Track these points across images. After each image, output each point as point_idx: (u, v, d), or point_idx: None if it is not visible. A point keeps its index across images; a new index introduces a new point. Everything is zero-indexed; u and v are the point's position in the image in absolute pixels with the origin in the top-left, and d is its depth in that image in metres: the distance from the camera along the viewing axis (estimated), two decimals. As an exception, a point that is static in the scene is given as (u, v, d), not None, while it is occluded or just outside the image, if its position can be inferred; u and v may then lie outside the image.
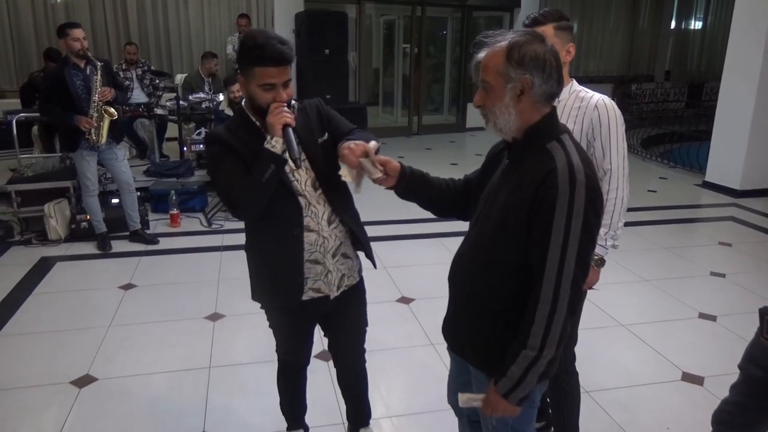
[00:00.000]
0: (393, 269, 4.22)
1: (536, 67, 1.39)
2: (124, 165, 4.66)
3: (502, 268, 1.49)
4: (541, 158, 1.42)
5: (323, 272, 2.01)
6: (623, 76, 12.15)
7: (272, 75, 1.77)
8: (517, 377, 1.44)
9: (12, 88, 7.79)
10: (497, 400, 1.50)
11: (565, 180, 1.36)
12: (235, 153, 1.85)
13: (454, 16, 10.78)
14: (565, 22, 2.03)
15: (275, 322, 2.16)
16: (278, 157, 1.81)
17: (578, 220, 1.36)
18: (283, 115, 1.78)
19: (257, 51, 1.74)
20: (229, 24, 8.79)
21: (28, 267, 4.35)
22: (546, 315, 1.39)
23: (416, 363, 3.16)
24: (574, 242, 1.36)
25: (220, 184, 1.88)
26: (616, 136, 2.00)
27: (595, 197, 1.39)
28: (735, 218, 5.87)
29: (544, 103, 1.44)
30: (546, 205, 1.36)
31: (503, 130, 1.47)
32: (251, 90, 1.82)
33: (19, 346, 3.24)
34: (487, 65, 1.43)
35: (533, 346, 1.41)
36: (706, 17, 13.11)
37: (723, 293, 4.11)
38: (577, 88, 2.08)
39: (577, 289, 1.40)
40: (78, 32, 4.23)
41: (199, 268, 4.39)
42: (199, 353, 3.21)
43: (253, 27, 8.52)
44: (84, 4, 8.13)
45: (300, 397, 2.40)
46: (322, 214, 1.96)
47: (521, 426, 1.63)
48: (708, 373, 3.06)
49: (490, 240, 1.51)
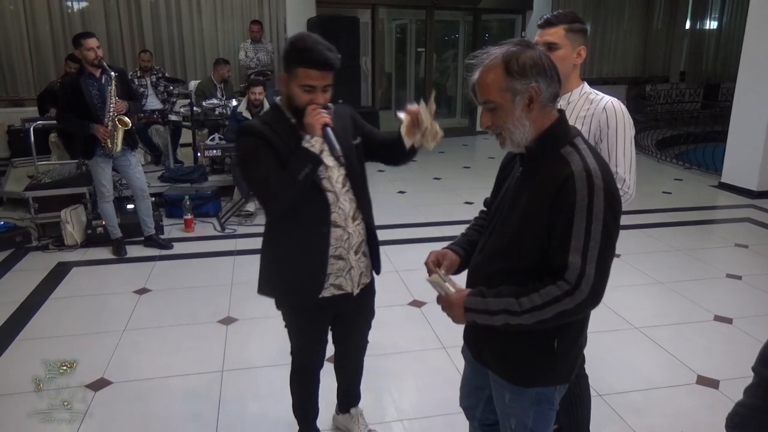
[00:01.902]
0: (405, 272, 4.22)
1: (539, 73, 1.39)
2: (138, 171, 4.71)
3: (522, 276, 1.47)
4: (557, 164, 1.41)
5: (346, 268, 2.07)
6: (638, 77, 12.05)
7: (314, 78, 1.83)
8: (485, 307, 1.46)
9: (30, 96, 7.89)
10: (457, 304, 1.52)
11: (583, 185, 1.35)
12: (272, 146, 1.89)
13: (465, 20, 10.78)
14: (578, 24, 2.02)
15: (292, 320, 2.19)
16: (316, 157, 1.88)
17: (598, 225, 1.35)
18: (322, 115, 1.84)
19: (305, 53, 1.81)
20: (242, 30, 8.86)
21: (46, 272, 4.41)
22: (551, 298, 1.39)
23: (428, 366, 3.15)
24: (593, 248, 1.36)
25: (254, 176, 1.90)
26: (623, 140, 1.98)
27: (612, 201, 1.39)
28: (752, 219, 5.80)
29: (551, 105, 1.45)
30: (565, 211, 1.36)
31: (521, 143, 1.46)
32: (291, 89, 1.88)
33: (37, 350, 3.29)
34: (486, 84, 1.43)
35: (522, 304, 1.41)
36: (721, 17, 12.96)
37: (739, 295, 4.06)
38: (588, 90, 2.08)
39: (596, 294, 1.39)
40: (91, 42, 4.28)
41: (212, 272, 4.43)
42: (213, 357, 3.24)
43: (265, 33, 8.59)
44: (100, 13, 8.23)
45: (313, 399, 2.41)
46: (348, 211, 2.02)
47: (540, 429, 1.63)
48: (723, 376, 3.03)
49: (509, 248, 1.50)
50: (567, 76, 2.05)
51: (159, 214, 5.29)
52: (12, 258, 4.69)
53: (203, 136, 6.78)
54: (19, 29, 7.89)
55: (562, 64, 2.00)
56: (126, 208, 5.10)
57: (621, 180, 1.98)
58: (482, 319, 1.48)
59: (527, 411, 1.62)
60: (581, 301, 1.38)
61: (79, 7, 8.21)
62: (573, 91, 2.07)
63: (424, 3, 9.76)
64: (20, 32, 7.91)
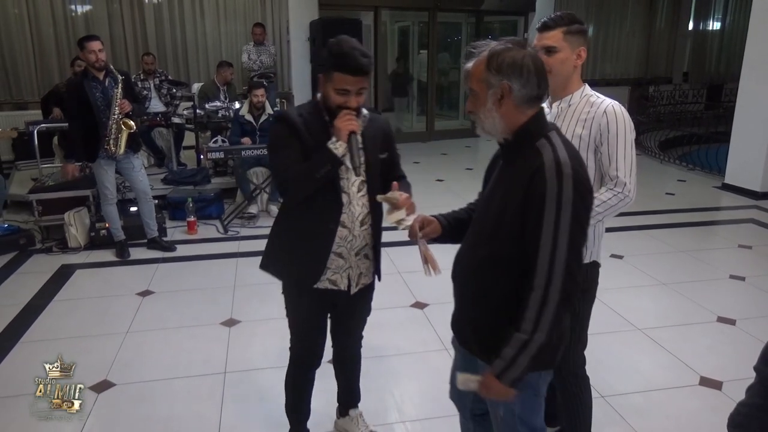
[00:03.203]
0: (407, 274, 4.23)
1: (513, 73, 1.47)
2: (141, 174, 4.73)
3: (502, 264, 1.56)
4: (530, 156, 1.49)
5: (344, 267, 2.13)
6: (640, 78, 12.03)
7: (348, 82, 1.91)
8: (509, 358, 1.50)
9: (34, 99, 7.93)
10: (491, 381, 1.55)
11: (553, 174, 1.44)
12: (300, 138, 1.98)
13: (468, 22, 10.79)
14: (576, 25, 2.01)
15: (293, 306, 2.23)
16: (337, 160, 1.95)
17: (567, 211, 1.43)
18: (351, 122, 1.94)
19: (341, 58, 1.89)
20: (244, 33, 8.88)
21: (49, 274, 4.43)
22: (539, 300, 1.46)
23: (430, 368, 3.15)
24: (564, 232, 1.44)
25: (278, 162, 2.04)
26: (624, 144, 1.97)
27: (582, 189, 1.47)
28: (755, 220, 5.78)
29: (527, 106, 1.51)
30: (536, 199, 1.45)
31: (491, 132, 1.57)
32: (327, 90, 1.96)
33: (41, 352, 3.29)
34: (472, 74, 1.54)
35: (525, 330, 1.48)
36: (724, 18, 12.94)
37: (742, 297, 4.05)
38: (589, 93, 2.07)
39: (571, 277, 1.46)
40: (94, 45, 4.30)
41: (215, 274, 4.44)
42: (216, 359, 3.24)
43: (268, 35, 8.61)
44: (103, 16, 8.27)
45: (306, 400, 2.43)
46: (358, 215, 2.09)
47: (528, 416, 1.69)
48: (726, 377, 3.02)
49: (489, 237, 1.58)
50: (568, 78, 2.05)
51: (162, 216, 5.31)
52: (16, 260, 4.71)
53: (206, 138, 6.80)
54: (23, 33, 7.94)
55: (561, 66, 2.01)
56: (129, 210, 5.12)
57: (621, 184, 1.98)
58: (517, 371, 1.51)
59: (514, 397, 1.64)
60: (562, 286, 1.45)
61: (83, 10, 8.26)
62: (574, 93, 2.07)
63: (426, 5, 9.77)
64: (24, 36, 7.95)
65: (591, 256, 2.11)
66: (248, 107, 5.93)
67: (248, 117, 5.89)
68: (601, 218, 2.02)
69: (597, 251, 2.13)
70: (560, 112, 2.08)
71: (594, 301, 2.17)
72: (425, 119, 10.46)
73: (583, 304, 2.12)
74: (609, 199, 1.98)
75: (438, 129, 10.46)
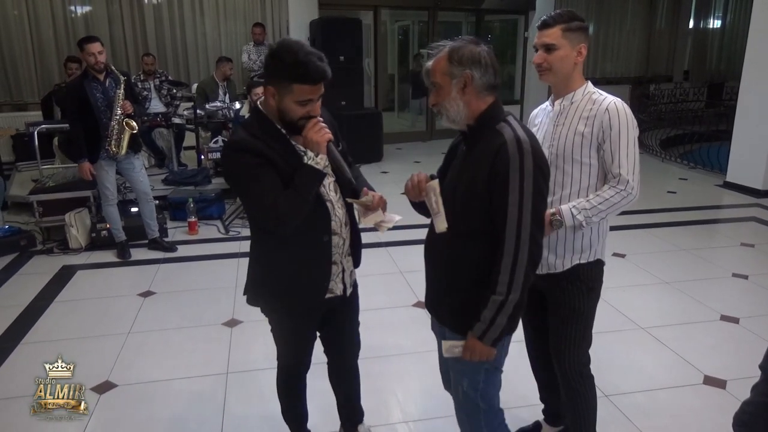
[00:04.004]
0: (409, 274, 4.21)
1: (473, 64, 1.66)
2: (141, 175, 4.72)
3: (473, 237, 1.72)
4: (493, 136, 1.66)
5: (338, 271, 2.05)
6: (641, 76, 12.01)
7: (311, 92, 1.76)
8: (489, 319, 1.68)
9: (34, 100, 7.92)
10: (474, 343, 1.72)
11: (515, 149, 1.61)
12: (273, 164, 1.79)
13: (468, 21, 10.77)
14: (576, 22, 2.00)
15: (282, 325, 2.14)
16: (322, 174, 1.83)
17: (529, 182, 1.60)
18: (324, 131, 1.80)
19: (299, 69, 1.70)
20: (244, 33, 8.87)
21: (50, 275, 4.42)
22: (510, 264, 1.63)
23: (432, 367, 3.11)
24: (527, 201, 1.61)
25: (258, 200, 1.80)
26: (626, 141, 1.96)
27: (541, 163, 1.65)
28: (757, 219, 5.77)
29: (486, 93, 1.69)
30: (501, 172, 1.61)
31: (456, 120, 1.72)
32: (284, 104, 1.77)
33: (42, 353, 3.28)
34: (434, 69, 1.70)
35: (501, 292, 1.65)
36: (725, 16, 12.92)
37: (746, 295, 4.03)
38: (591, 90, 2.06)
39: (534, 241, 1.64)
40: (93, 47, 4.27)
41: (216, 274, 4.43)
42: (217, 359, 3.23)
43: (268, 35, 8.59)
44: (103, 17, 8.26)
45: (302, 403, 2.38)
46: (342, 217, 2.01)
47: (488, 391, 1.87)
48: (730, 376, 3.01)
49: (460, 213, 1.71)
50: (569, 76, 2.04)
51: (163, 216, 5.30)
52: (17, 261, 4.71)
53: (207, 138, 6.79)
54: (23, 34, 7.93)
55: (561, 63, 2.00)
56: (130, 211, 5.11)
57: (624, 181, 1.96)
58: (497, 331, 1.69)
59: (478, 367, 1.80)
60: (528, 249, 1.63)
61: (83, 11, 8.24)
62: (576, 90, 2.06)
63: (426, 4, 9.76)
64: (24, 37, 7.94)
65: (595, 254, 2.10)
66: (249, 107, 5.92)
67: (249, 117, 5.87)
68: (604, 216, 2.00)
69: (601, 249, 2.12)
70: (563, 110, 2.07)
71: (599, 299, 2.16)
72: (425, 119, 10.44)
73: (587, 303, 2.11)
74: (612, 197, 1.97)
75: (438, 128, 10.45)
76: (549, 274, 2.11)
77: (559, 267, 2.09)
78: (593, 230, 2.07)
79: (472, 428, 1.93)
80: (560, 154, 2.04)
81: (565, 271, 2.08)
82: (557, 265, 2.09)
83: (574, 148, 2.01)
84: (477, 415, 1.89)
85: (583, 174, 2.02)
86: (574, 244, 2.07)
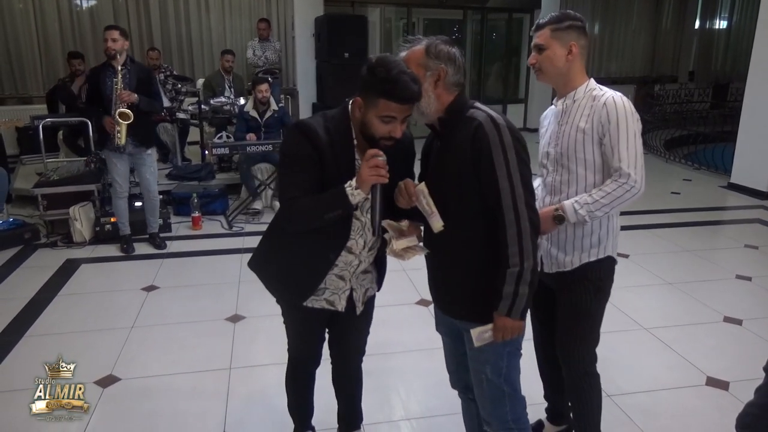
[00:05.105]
0: (412, 271, 4.22)
1: (449, 60, 1.74)
2: (148, 172, 4.71)
3: (469, 222, 1.75)
4: (466, 122, 1.72)
5: (344, 288, 2.02)
6: (646, 76, 11.98)
7: (396, 110, 1.70)
8: (511, 293, 1.70)
9: (39, 93, 7.93)
10: (503, 321, 1.73)
11: (491, 126, 1.67)
12: (322, 159, 1.77)
13: (473, 19, 10.75)
14: (567, 22, 2.01)
15: (289, 317, 2.17)
16: (350, 207, 1.76)
17: (512, 152, 1.67)
18: (379, 173, 1.70)
19: (388, 84, 1.67)
20: (249, 29, 8.87)
21: (54, 269, 4.43)
22: (515, 235, 1.67)
23: (435, 365, 3.13)
24: (515, 171, 1.66)
25: (287, 185, 1.82)
26: (626, 134, 1.94)
27: (517, 135, 1.70)
28: (761, 220, 5.75)
29: (455, 89, 1.77)
30: (483, 150, 1.66)
31: (425, 113, 1.76)
32: (368, 117, 1.74)
33: (46, 347, 3.30)
34: (409, 59, 1.75)
35: (515, 263, 1.68)
36: (731, 16, 12.88)
37: (749, 297, 4.03)
38: (593, 87, 2.06)
39: (530, 206, 1.69)
40: (108, 33, 4.37)
41: (220, 270, 4.44)
42: (220, 354, 3.24)
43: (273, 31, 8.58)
44: (108, 11, 8.27)
45: (308, 398, 2.39)
46: (368, 240, 1.95)
47: (511, 374, 1.87)
48: (733, 377, 3.01)
49: (451, 202, 1.75)
50: (563, 75, 2.04)
51: (167, 211, 5.31)
52: (21, 255, 4.72)
53: (211, 134, 6.79)
54: (28, 27, 7.94)
55: (550, 63, 2.03)
56: (134, 205, 5.11)
57: (626, 175, 1.93)
58: (522, 302, 1.71)
59: (501, 351, 1.81)
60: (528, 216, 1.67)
61: (88, 5, 8.26)
62: (578, 89, 2.05)
63: (431, 2, 9.74)
64: (29, 30, 7.95)
65: (605, 251, 2.09)
66: (253, 103, 5.92)
67: (253, 113, 5.88)
68: (608, 210, 1.98)
69: (612, 246, 2.11)
70: (566, 109, 2.07)
71: (608, 298, 2.16)
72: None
73: (595, 303, 2.11)
74: (614, 190, 1.95)
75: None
76: (558, 272, 2.11)
77: (568, 265, 2.08)
78: (602, 227, 2.06)
79: (499, 415, 1.89)
80: (565, 152, 2.04)
81: (573, 270, 2.08)
82: (566, 263, 2.09)
83: (577, 146, 2.01)
84: (502, 400, 1.88)
85: (588, 171, 2.02)
86: (582, 241, 2.06)
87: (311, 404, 2.42)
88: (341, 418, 2.47)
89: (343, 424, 2.48)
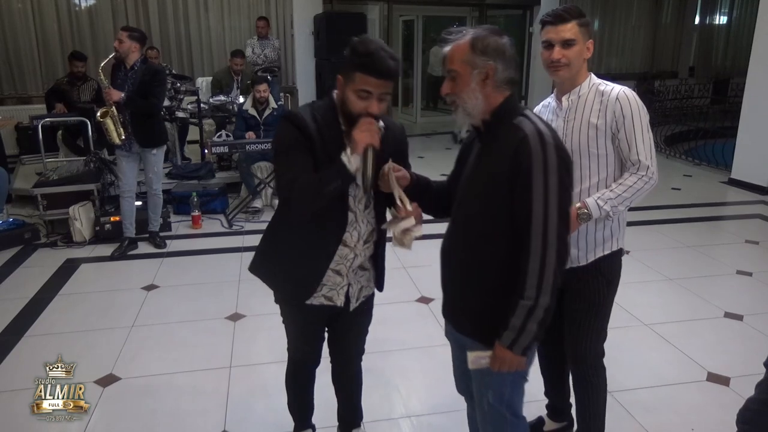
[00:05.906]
0: (412, 269, 4.21)
1: (498, 56, 1.57)
2: (151, 171, 4.68)
3: (494, 238, 1.62)
4: (512, 131, 1.57)
5: (342, 284, 2.02)
6: (646, 72, 11.96)
7: (371, 84, 1.71)
8: (518, 326, 1.56)
9: (38, 93, 7.93)
10: (503, 353, 1.60)
11: (537, 143, 1.52)
12: (311, 146, 1.78)
13: (472, 15, 10.73)
14: (585, 18, 2.03)
15: (287, 316, 2.17)
16: (349, 175, 1.76)
17: (554, 177, 1.51)
18: (372, 133, 1.73)
19: (365, 58, 1.69)
20: (248, 27, 8.86)
21: (54, 268, 4.43)
22: (538, 266, 1.52)
23: (436, 363, 3.14)
24: (553, 196, 1.51)
25: (284, 171, 1.81)
26: (641, 127, 1.97)
27: (564, 156, 1.56)
28: (762, 216, 5.75)
29: (506, 87, 1.61)
30: (523, 167, 1.52)
31: (471, 113, 1.62)
32: (346, 93, 1.77)
33: (46, 346, 3.30)
34: (453, 56, 1.60)
35: (529, 296, 1.53)
36: (731, 12, 12.86)
37: (750, 292, 4.02)
38: (596, 81, 2.06)
39: (562, 239, 1.53)
40: (119, 33, 4.46)
41: (220, 268, 4.43)
42: (221, 353, 3.24)
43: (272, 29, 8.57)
44: (107, 11, 8.26)
45: (308, 396, 2.39)
46: (363, 233, 1.96)
47: (514, 401, 1.78)
48: (734, 373, 3.00)
49: (478, 214, 1.64)
50: (579, 71, 2.04)
51: (167, 210, 5.30)
52: (21, 255, 4.71)
53: (210, 133, 6.79)
54: (26, 27, 7.94)
55: (577, 58, 2.01)
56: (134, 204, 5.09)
57: (645, 167, 1.97)
58: (527, 339, 1.57)
59: (505, 378, 1.70)
60: (556, 248, 1.52)
61: (87, 4, 8.25)
62: (582, 84, 2.06)
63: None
64: (28, 30, 7.95)
65: (617, 244, 2.11)
66: (252, 102, 5.92)
67: (252, 111, 5.88)
68: (630, 204, 2.01)
69: (622, 237, 2.13)
70: (571, 105, 2.06)
71: (616, 292, 2.16)
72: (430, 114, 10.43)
73: (607, 296, 2.12)
74: (635, 183, 1.98)
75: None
76: (570, 268, 2.11)
77: (582, 260, 2.08)
78: (614, 220, 2.07)
79: None
80: (575, 149, 2.03)
81: (587, 265, 2.08)
82: (580, 258, 2.08)
83: (589, 141, 2.01)
84: (503, 426, 1.79)
85: (600, 166, 2.02)
86: (595, 235, 2.07)
87: (311, 402, 2.42)
88: (341, 417, 2.47)
89: (343, 422, 2.47)
